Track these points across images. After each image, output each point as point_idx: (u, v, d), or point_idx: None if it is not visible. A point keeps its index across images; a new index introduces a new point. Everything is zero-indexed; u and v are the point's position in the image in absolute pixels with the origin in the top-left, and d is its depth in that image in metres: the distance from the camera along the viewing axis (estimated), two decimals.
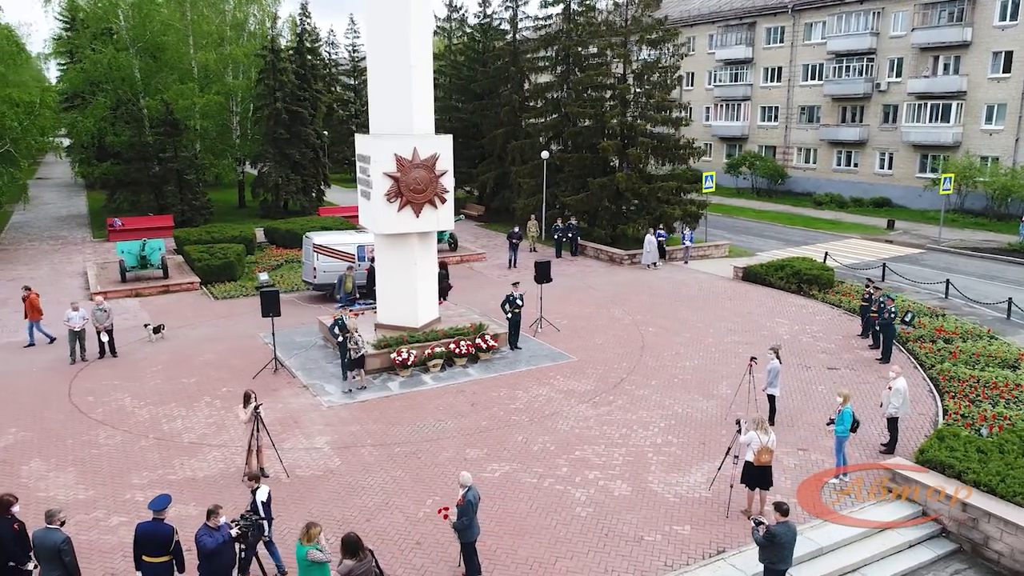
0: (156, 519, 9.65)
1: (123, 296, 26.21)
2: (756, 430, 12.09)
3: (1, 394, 17.49)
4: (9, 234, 39.51)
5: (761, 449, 12.00)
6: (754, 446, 12.04)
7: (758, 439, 12.02)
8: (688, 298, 26.17)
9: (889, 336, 19.47)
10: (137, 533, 9.67)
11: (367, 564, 8.83)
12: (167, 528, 9.64)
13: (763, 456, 12.01)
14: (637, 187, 33.50)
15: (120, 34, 42.32)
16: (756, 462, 12.06)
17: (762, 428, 12.08)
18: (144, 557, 9.60)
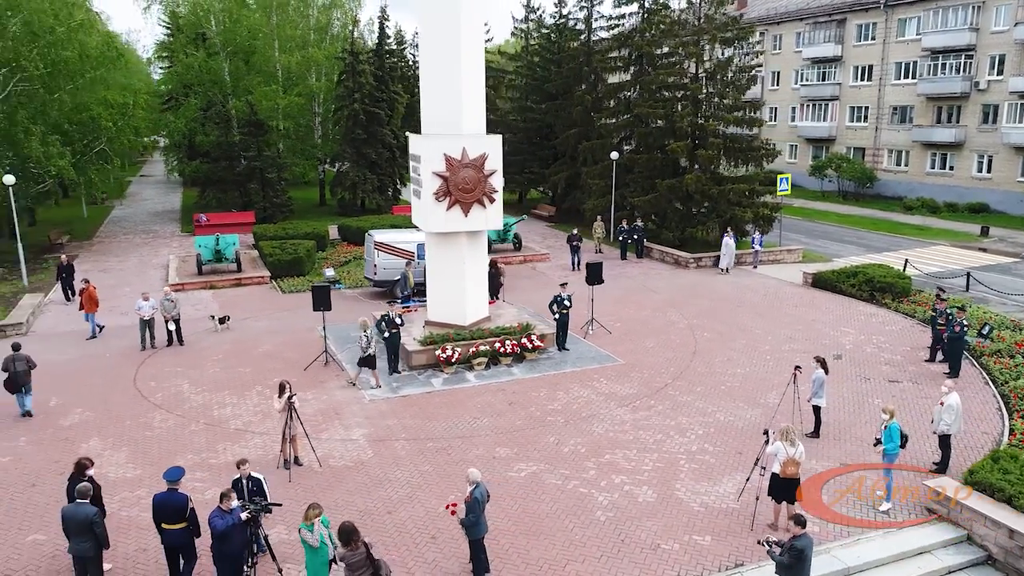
0: (171, 489, 10.34)
1: (198, 288, 27.54)
2: (783, 440, 11.66)
3: (75, 377, 18.70)
4: (108, 227, 42.10)
5: (787, 460, 11.57)
6: (780, 457, 11.62)
7: (784, 450, 11.60)
8: (751, 304, 25.40)
9: (958, 350, 18.36)
10: (154, 503, 10.43)
11: (359, 555, 9.01)
12: (181, 497, 10.30)
13: (789, 468, 11.58)
14: (707, 189, 32.76)
15: (212, 39, 44.48)
16: (782, 474, 11.63)
17: (789, 439, 11.65)
18: (163, 524, 10.30)
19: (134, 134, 36.88)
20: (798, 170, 56.01)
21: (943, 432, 13.61)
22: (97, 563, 10.12)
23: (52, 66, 30.75)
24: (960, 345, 18.41)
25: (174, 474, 10.45)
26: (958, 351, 18.45)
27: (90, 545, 9.97)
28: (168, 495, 10.30)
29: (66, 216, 45.26)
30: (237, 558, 9.88)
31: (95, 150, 33.98)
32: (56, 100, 31.92)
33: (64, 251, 33.87)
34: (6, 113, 30.48)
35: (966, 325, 18.43)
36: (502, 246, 33.25)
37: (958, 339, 18.31)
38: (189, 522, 10.25)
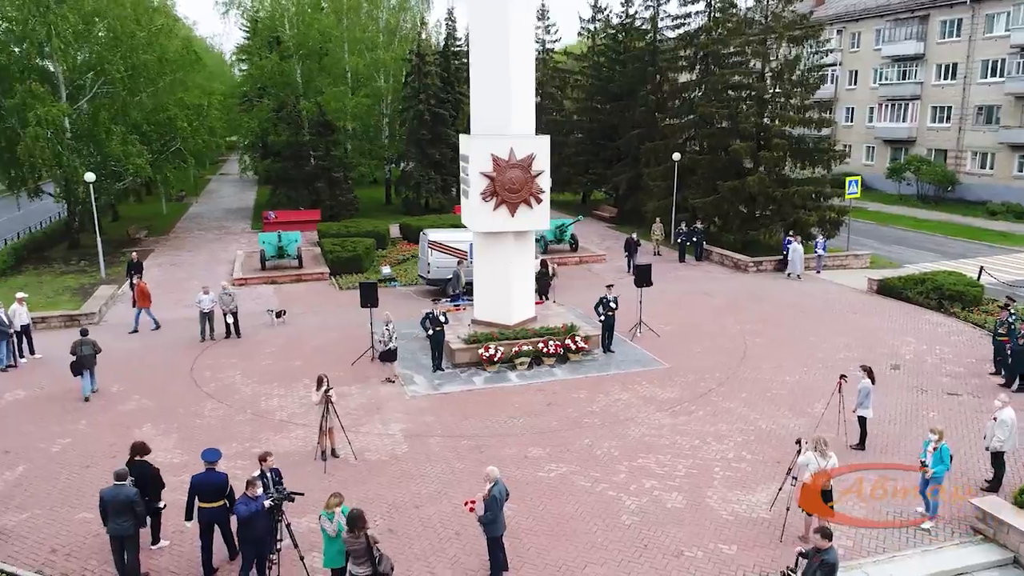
0: (209, 469, 10.85)
1: (260, 283, 28.51)
2: (814, 451, 11.31)
3: (136, 365, 19.63)
4: (184, 223, 43.97)
5: (818, 473, 11.22)
6: (811, 468, 11.27)
7: (816, 461, 11.25)
8: (810, 310, 24.66)
9: (1018, 363, 17.42)
10: (193, 482, 10.90)
11: (359, 542, 9.24)
12: (220, 476, 10.84)
13: (819, 479, 11.22)
14: (771, 191, 31.96)
15: (286, 42, 45.92)
16: (813, 486, 11.28)
17: (820, 450, 11.29)
18: (200, 504, 10.78)
19: (209, 134, 38.33)
20: (874, 173, 54.06)
21: (996, 449, 12.93)
22: (135, 541, 10.63)
23: (133, 69, 32.33)
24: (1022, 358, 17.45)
25: (213, 455, 10.99)
26: (1018, 365, 17.49)
27: (130, 524, 10.50)
28: (207, 475, 10.84)
29: (147, 212, 47.48)
30: (259, 543, 10.20)
31: (171, 150, 35.53)
32: (137, 102, 33.53)
33: (139, 246, 35.60)
34: (90, 114, 32.21)
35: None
36: (559, 247, 33.21)
37: (1021, 351, 17.35)
38: (228, 500, 10.76)
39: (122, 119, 32.91)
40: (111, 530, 10.51)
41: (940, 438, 12.00)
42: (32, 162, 29.67)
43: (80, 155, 31.21)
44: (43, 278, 29.85)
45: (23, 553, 11.46)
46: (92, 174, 29.25)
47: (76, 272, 30.89)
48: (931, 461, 11.76)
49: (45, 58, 30.67)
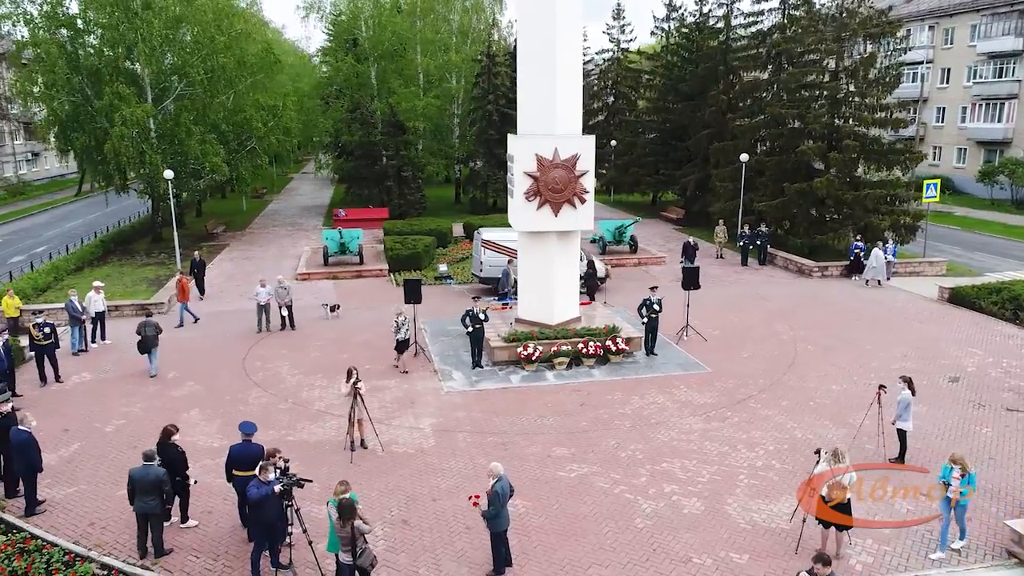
0: (245, 440, 11.75)
1: (322, 278, 29.43)
2: (830, 464, 10.94)
3: (196, 354, 20.62)
4: (261, 219, 45.77)
5: (834, 485, 10.84)
6: (826, 479, 10.90)
7: (828, 471, 10.88)
8: (871, 317, 23.69)
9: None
10: (231, 452, 11.83)
11: (345, 531, 9.49)
12: (256, 447, 11.64)
13: (835, 492, 10.84)
14: (841, 194, 30.82)
15: (363, 44, 47.18)
16: (828, 498, 10.91)
17: (837, 461, 10.90)
18: (235, 471, 11.66)
19: (284, 134, 39.74)
20: (965, 176, 51.41)
21: None
22: (160, 519, 11.26)
23: (212, 72, 33.87)
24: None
25: (249, 428, 11.96)
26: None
27: (156, 503, 11.14)
28: (244, 446, 11.71)
29: (228, 208, 49.64)
30: (270, 526, 10.62)
31: (247, 149, 37.04)
32: (216, 103, 35.10)
33: (217, 240, 37.29)
34: (172, 115, 33.94)
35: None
36: (618, 248, 32.96)
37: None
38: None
39: (202, 119, 34.48)
40: (137, 508, 11.15)
41: (963, 470, 11.05)
42: (117, 160, 31.49)
43: (162, 154, 32.92)
44: (125, 269, 31.69)
45: (65, 524, 12.27)
46: (171, 171, 30.79)
47: (155, 264, 32.64)
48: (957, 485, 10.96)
49: (134, 62, 32.44)
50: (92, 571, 10.99)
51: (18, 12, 33.14)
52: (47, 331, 18.44)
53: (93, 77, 32.55)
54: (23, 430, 12.49)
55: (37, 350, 18.55)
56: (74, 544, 11.63)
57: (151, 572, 11.01)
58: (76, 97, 32.78)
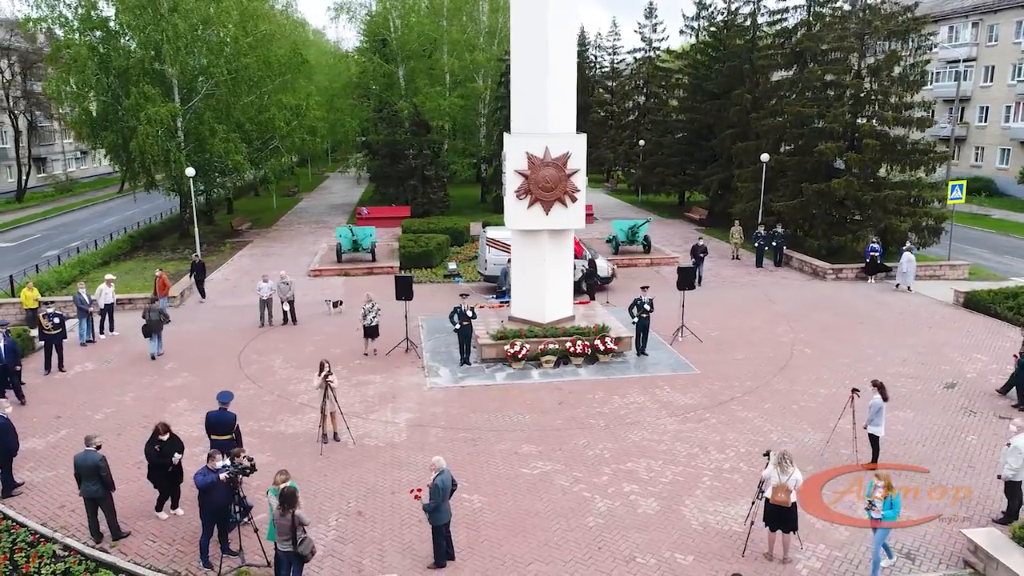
0: (222, 408, 12.93)
1: (334, 275, 29.91)
2: (776, 465, 10.77)
3: (195, 346, 21.19)
4: (289, 217, 46.65)
5: (777, 486, 10.68)
6: (771, 482, 10.74)
7: (776, 476, 10.71)
8: (878, 321, 23.12)
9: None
10: (208, 418, 13.09)
11: (286, 520, 9.67)
12: (231, 415, 12.97)
13: (778, 495, 10.68)
14: (860, 195, 30.12)
15: (392, 44, 47.76)
16: (772, 500, 10.75)
17: (783, 463, 10.73)
18: (212, 436, 12.90)
19: (308, 133, 40.42)
20: (1008, 177, 49.73)
21: (1008, 478, 11.78)
22: (108, 504, 11.66)
23: (235, 73, 34.67)
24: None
25: (225, 396, 13.15)
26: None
27: (98, 488, 11.51)
28: (220, 413, 12.95)
29: (259, 206, 50.71)
30: (217, 511, 10.90)
31: (270, 147, 37.82)
32: (239, 102, 35.92)
33: (242, 237, 38.15)
34: (196, 114, 34.85)
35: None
36: (631, 248, 32.75)
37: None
38: (234, 435, 12.97)
39: (225, 118, 35.31)
40: (83, 492, 11.58)
41: (887, 488, 10.41)
42: (143, 158, 32.45)
43: (186, 152, 33.82)
44: (148, 263, 32.62)
45: (37, 506, 12.78)
46: (192, 169, 31.69)
47: (178, 259, 33.53)
48: (881, 507, 10.41)
49: (161, 63, 33.40)
50: (53, 551, 11.43)
51: (54, 15, 34.35)
52: (56, 321, 19.20)
53: (122, 77, 33.60)
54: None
55: (46, 340, 19.30)
56: (41, 525, 12.11)
57: (107, 554, 11.37)
58: (106, 97, 33.92)
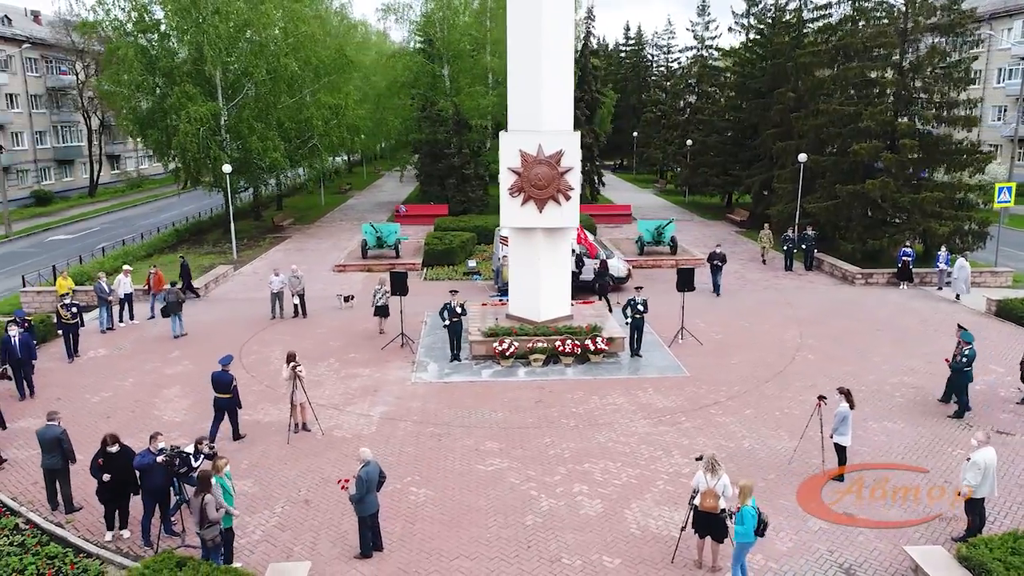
0: (223, 370, 14.75)
1: (356, 270, 30.47)
2: (704, 471, 10.48)
3: (204, 336, 21.92)
4: (333, 214, 47.73)
5: (706, 492, 10.39)
6: (700, 488, 10.45)
7: (704, 481, 10.42)
8: (898, 328, 22.13)
9: (958, 385, 15.95)
10: (212, 377, 14.87)
11: (198, 501, 9.96)
12: (228, 376, 14.76)
13: (707, 500, 10.38)
14: (897, 196, 28.89)
15: (437, 45, 48.29)
16: (701, 507, 10.46)
17: (711, 468, 10.43)
18: (216, 394, 14.77)
19: (348, 132, 41.21)
20: None
21: (966, 495, 11.13)
22: (66, 477, 12.28)
23: (275, 73, 35.69)
24: (963, 380, 15.88)
25: (226, 360, 15.04)
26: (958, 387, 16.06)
27: (57, 459, 12.14)
28: (220, 374, 14.76)
29: (308, 203, 52.05)
30: (155, 493, 11.31)
31: (308, 145, 38.78)
32: (278, 102, 36.96)
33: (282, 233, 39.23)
34: (237, 113, 36.04)
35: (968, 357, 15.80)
36: (657, 248, 32.24)
37: (959, 372, 15.94)
38: (233, 394, 14.83)
39: (263, 117, 36.38)
40: (43, 463, 12.20)
41: (743, 495, 9.82)
42: (183, 155, 33.77)
43: (226, 150, 35.02)
44: (187, 257, 33.86)
45: (12, 482, 13.47)
46: (229, 166, 32.78)
47: (216, 253, 34.78)
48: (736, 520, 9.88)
49: (204, 64, 34.68)
50: (16, 524, 12.07)
51: (109, 19, 36.07)
52: (73, 311, 20.15)
53: (167, 77, 35.04)
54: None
55: (64, 328, 20.22)
56: (12, 500, 12.77)
57: (61, 529, 11.92)
58: (153, 96, 35.43)
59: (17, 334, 17.17)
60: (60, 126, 61.43)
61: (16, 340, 17.06)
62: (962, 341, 16.07)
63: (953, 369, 15.98)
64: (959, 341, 16.22)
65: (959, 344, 16.14)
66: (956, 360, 15.91)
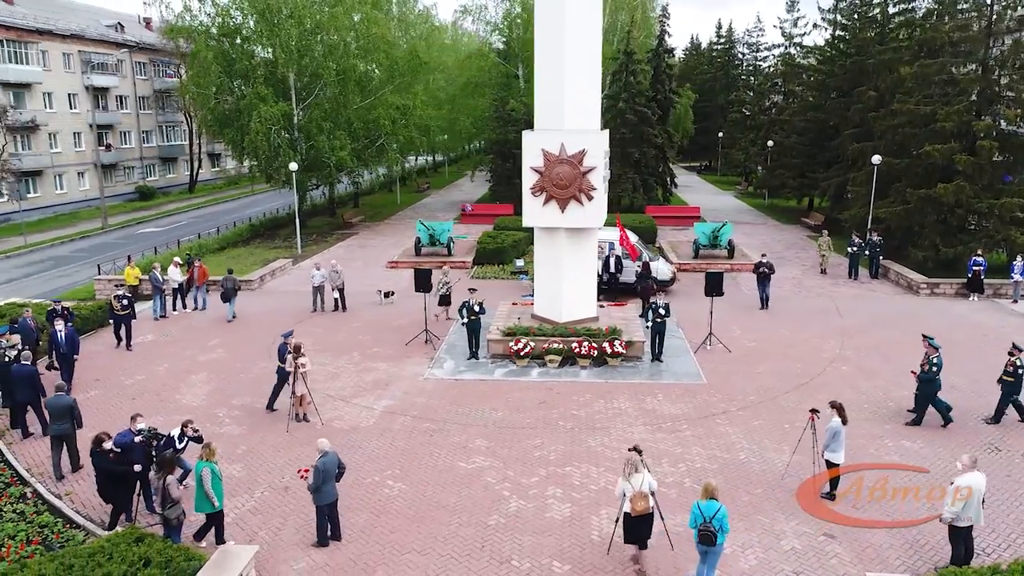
0: (284, 342, 16.09)
1: (408, 267, 30.85)
2: (624, 477, 10.38)
3: (244, 326, 22.88)
4: (405, 212, 48.76)
5: (634, 496, 10.21)
6: (627, 493, 10.28)
7: (629, 487, 10.26)
8: (951, 343, 20.36)
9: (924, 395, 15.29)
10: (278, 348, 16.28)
11: (159, 482, 10.46)
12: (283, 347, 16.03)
13: (638, 504, 10.19)
14: (974, 202, 26.97)
15: (512, 45, 48.59)
16: (632, 512, 10.23)
17: (632, 472, 10.33)
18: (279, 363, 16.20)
19: (416, 132, 41.96)
20: None
21: (947, 522, 10.31)
22: (73, 440, 13.48)
23: (344, 74, 36.83)
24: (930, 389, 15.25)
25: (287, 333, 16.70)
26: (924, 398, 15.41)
27: (68, 426, 13.33)
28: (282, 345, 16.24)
29: (385, 201, 53.41)
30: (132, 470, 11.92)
31: (376, 144, 39.78)
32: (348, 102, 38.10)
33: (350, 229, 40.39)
34: (307, 113, 37.40)
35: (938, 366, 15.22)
36: (714, 252, 31.29)
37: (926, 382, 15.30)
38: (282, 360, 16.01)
39: (334, 117, 37.58)
40: (53, 431, 13.31)
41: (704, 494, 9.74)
42: (255, 153, 35.34)
43: (295, 149, 36.42)
44: (256, 250, 35.52)
45: (31, 454, 14.48)
46: (295, 164, 34.07)
47: (284, 248, 36.20)
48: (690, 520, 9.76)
49: (280, 66, 36.18)
50: (24, 492, 13.01)
51: (195, 25, 38.14)
52: (125, 303, 21.18)
53: (243, 79, 36.75)
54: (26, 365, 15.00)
55: (115, 319, 20.96)
56: (25, 470, 13.76)
57: (58, 500, 12.75)
58: (230, 97, 37.25)
59: (63, 327, 17.48)
60: (164, 126, 65.44)
61: (62, 335, 17.41)
62: (930, 348, 15.23)
63: (921, 379, 15.25)
64: (926, 348, 15.36)
65: (927, 352, 15.29)
66: (924, 370, 15.17)
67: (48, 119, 51.00)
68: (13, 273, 32.79)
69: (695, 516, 9.61)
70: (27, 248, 37.95)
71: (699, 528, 9.55)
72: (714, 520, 9.46)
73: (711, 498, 9.62)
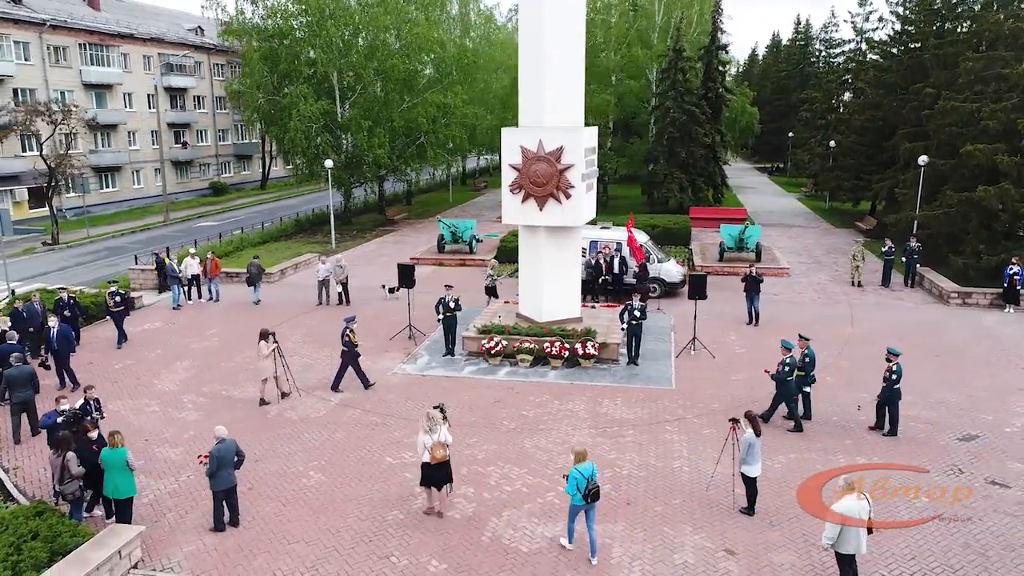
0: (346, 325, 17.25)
1: (430, 264, 31.33)
2: (423, 432, 11.54)
3: (248, 316, 23.60)
4: (454, 210, 49.12)
5: (433, 445, 11.44)
6: (427, 445, 11.48)
7: (428, 439, 11.49)
8: (964, 357, 19.24)
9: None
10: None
11: (57, 461, 10.96)
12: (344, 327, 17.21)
13: (436, 452, 11.47)
14: (1019, 206, 25.00)
15: None
16: (432, 460, 11.48)
17: (430, 425, 11.52)
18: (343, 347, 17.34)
19: (459, 131, 42.19)
20: None
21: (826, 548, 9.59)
22: (34, 406, 14.52)
23: (384, 73, 37.49)
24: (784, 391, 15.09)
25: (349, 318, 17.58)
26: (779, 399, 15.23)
27: (29, 392, 14.34)
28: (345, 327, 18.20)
29: (437, 199, 54.03)
30: None
31: (416, 142, 40.27)
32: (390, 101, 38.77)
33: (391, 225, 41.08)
34: (349, 112, 38.27)
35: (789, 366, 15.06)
36: (740, 254, 30.17)
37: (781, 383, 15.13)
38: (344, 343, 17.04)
39: (375, 116, 38.31)
40: (15, 399, 14.27)
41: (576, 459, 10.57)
42: (295, 149, 36.43)
43: (337, 147, 37.36)
44: (293, 245, 36.58)
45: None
46: (330, 161, 34.94)
47: (321, 243, 37.13)
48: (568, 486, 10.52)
49: (321, 65, 37.17)
50: None
51: (250, 26, 39.61)
52: (118, 299, 21.36)
53: (287, 78, 37.94)
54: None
55: (111, 316, 21.12)
56: None
57: (6, 474, 13.51)
58: (274, 95, 38.53)
59: (56, 325, 17.41)
60: (239, 125, 68.23)
61: (55, 331, 17.27)
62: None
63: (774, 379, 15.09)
64: (888, 357, 14.70)
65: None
66: (779, 370, 15.01)
67: (127, 118, 54.11)
68: (69, 262, 34.93)
69: (577, 480, 10.31)
70: (88, 240, 40.33)
71: (587, 489, 10.27)
72: (593, 477, 10.37)
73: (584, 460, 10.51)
